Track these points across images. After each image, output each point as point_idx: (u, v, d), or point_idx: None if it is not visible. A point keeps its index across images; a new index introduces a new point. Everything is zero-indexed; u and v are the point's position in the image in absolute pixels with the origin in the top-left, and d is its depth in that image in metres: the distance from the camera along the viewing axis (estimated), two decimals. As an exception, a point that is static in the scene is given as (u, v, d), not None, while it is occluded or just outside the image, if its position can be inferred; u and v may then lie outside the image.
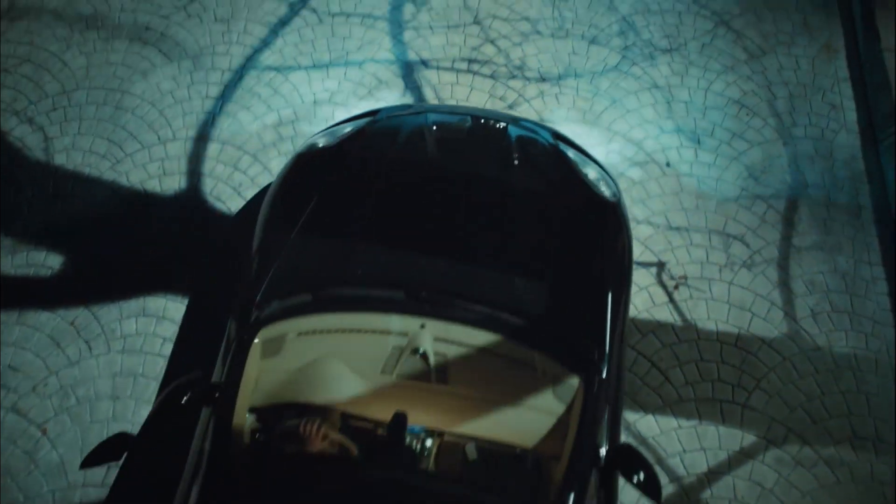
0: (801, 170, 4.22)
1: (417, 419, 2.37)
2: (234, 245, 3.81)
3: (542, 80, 4.45)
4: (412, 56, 4.50)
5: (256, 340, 2.54)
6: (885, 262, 3.92)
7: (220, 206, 3.98)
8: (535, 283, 2.73)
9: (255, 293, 2.73)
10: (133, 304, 3.65)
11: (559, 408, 2.43)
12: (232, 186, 4.03)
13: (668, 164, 4.18)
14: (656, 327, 3.67)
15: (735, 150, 4.27)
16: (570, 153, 3.21)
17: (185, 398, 2.39)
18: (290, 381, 2.47)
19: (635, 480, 2.38)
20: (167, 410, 2.38)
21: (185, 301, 3.67)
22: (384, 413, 2.35)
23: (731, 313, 3.74)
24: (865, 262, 3.92)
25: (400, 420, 2.34)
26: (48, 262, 3.76)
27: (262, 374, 2.50)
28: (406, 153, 3.05)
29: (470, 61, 4.49)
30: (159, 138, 4.19)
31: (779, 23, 4.82)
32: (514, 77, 4.44)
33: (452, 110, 3.41)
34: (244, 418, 2.41)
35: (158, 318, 3.62)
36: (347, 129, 3.27)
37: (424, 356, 2.51)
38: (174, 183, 4.04)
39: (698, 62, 4.60)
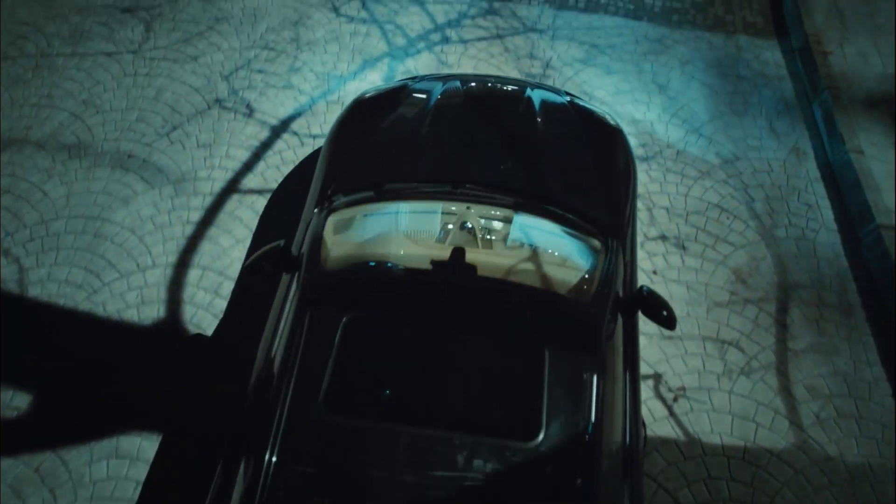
0: (788, 270, 4.22)
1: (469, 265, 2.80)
2: (213, 379, 3.65)
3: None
4: (394, 174, 4.55)
5: (330, 218, 3.00)
6: (885, 363, 3.84)
7: (199, 335, 3.85)
8: (563, 176, 3.37)
9: (328, 187, 3.34)
10: (105, 446, 3.42)
11: (589, 264, 2.89)
12: (213, 314, 3.91)
13: (654, 272, 4.15)
14: (659, 444, 3.50)
15: (720, 254, 4.28)
16: (577, 99, 3.95)
17: (269, 263, 2.89)
18: (358, 250, 2.85)
19: (653, 315, 2.94)
20: (255, 272, 2.89)
21: (161, 440, 3.46)
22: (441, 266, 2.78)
23: (735, 424, 3.59)
24: (864, 363, 3.84)
25: (459, 252, 2.81)
26: (14, 401, 3.55)
27: (334, 246, 2.88)
28: (447, 95, 3.77)
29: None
30: (138, 266, 4.10)
31: (747, 128, 4.98)
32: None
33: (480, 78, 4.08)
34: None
35: (132, 460, 3.38)
36: (392, 85, 4.00)
37: (471, 230, 2.96)
38: (152, 312, 3.91)
39: (675, 168, 4.70)
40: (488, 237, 2.96)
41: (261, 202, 4.42)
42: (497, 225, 3.00)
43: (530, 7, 5.76)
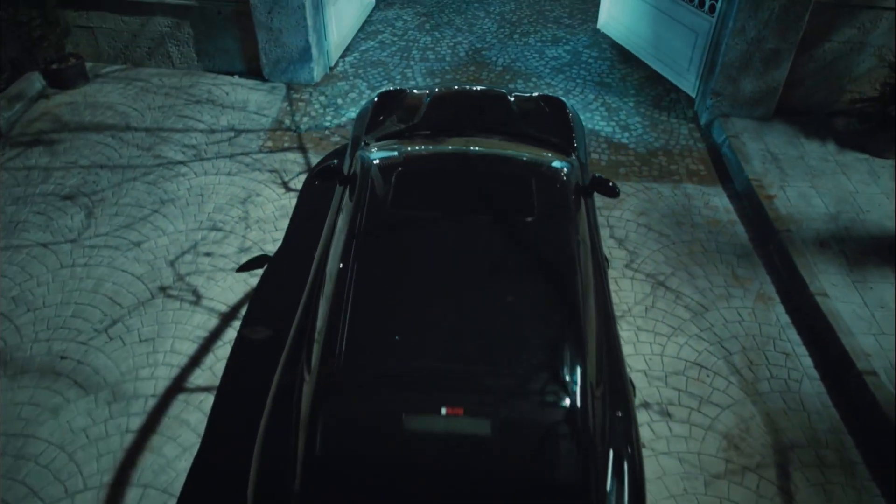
0: (780, 429, 3.98)
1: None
2: None
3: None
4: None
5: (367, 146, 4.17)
6: (903, 529, 3.54)
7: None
8: (533, 126, 4.67)
9: (361, 137, 4.63)
10: None
11: (558, 164, 3.97)
12: (153, 545, 3.39)
13: (643, 446, 3.85)
14: None
15: (707, 417, 4.03)
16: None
17: (325, 174, 3.94)
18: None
19: (602, 189, 4.01)
20: (318, 178, 3.94)
21: None
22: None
23: None
24: (881, 531, 3.53)
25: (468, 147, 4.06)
26: None
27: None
28: (443, 88, 5.30)
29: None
30: (66, 490, 3.58)
31: (710, 277, 4.94)
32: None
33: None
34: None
35: None
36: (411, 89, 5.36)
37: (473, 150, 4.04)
38: (81, 549, 3.36)
39: (646, 326, 4.55)
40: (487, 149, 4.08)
41: (210, 401, 4.02)
42: (493, 144, 4.17)
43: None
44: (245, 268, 4.80)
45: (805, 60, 6.23)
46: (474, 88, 5.60)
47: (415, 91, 5.19)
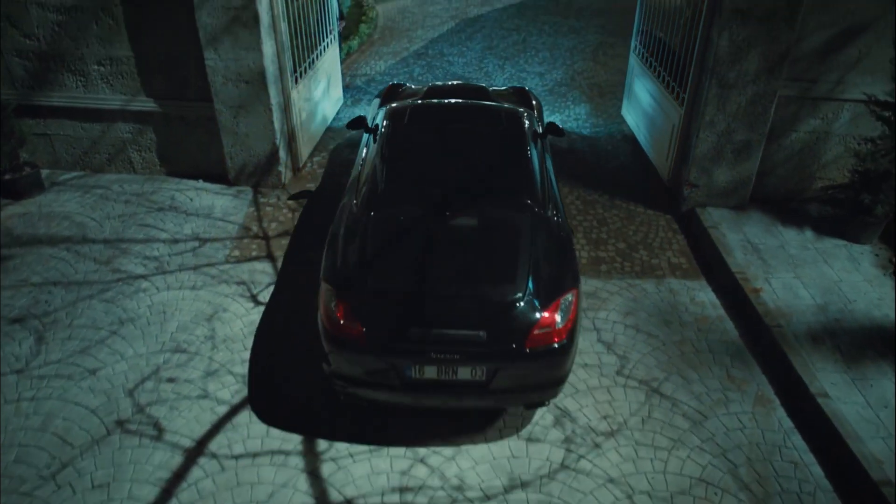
0: (800, 554, 3.67)
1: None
2: None
3: (487, 498, 3.87)
4: (335, 497, 3.86)
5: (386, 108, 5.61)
6: None
7: None
8: (503, 99, 6.20)
9: (378, 108, 6.38)
10: None
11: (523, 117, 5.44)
12: None
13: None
14: None
15: (722, 545, 3.71)
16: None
17: (356, 123, 5.53)
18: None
19: (552, 132, 5.58)
20: (350, 126, 5.54)
21: None
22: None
23: None
24: None
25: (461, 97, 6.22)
26: None
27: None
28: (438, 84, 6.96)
29: (402, 490, 3.89)
30: None
31: (705, 380, 4.72)
32: (456, 501, 3.84)
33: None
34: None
35: None
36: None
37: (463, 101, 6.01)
38: None
39: (644, 440, 4.27)
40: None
41: (171, 559, 3.56)
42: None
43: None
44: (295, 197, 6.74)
45: (774, 150, 6.29)
46: (462, 83, 7.47)
47: (414, 85, 7.23)
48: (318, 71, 7.58)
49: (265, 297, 5.35)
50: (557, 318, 3.92)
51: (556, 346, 3.89)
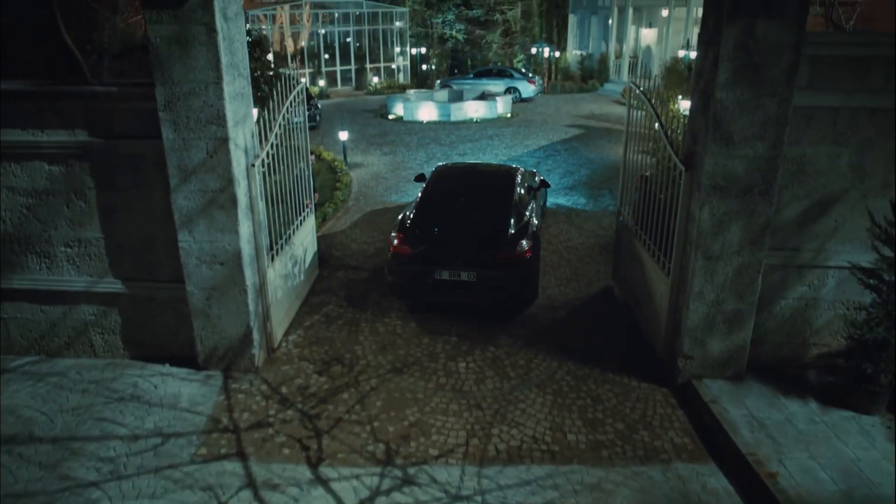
0: None
1: None
2: None
3: None
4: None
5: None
6: None
7: None
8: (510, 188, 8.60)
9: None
10: None
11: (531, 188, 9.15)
12: None
13: None
14: None
15: None
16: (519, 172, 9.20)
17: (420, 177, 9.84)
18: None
19: (542, 185, 9.94)
20: (417, 178, 9.96)
21: None
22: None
23: None
24: None
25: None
26: None
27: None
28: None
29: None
30: None
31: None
32: None
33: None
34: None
35: None
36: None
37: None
38: None
39: None
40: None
41: None
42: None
43: (449, 468, 5.12)
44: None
45: (766, 318, 6.17)
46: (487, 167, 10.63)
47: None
48: (294, 245, 7.45)
49: (236, 503, 4.73)
50: (519, 250, 7.27)
51: (516, 261, 7.29)
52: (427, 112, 21.80)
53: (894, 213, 5.37)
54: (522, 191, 8.39)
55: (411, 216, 7.78)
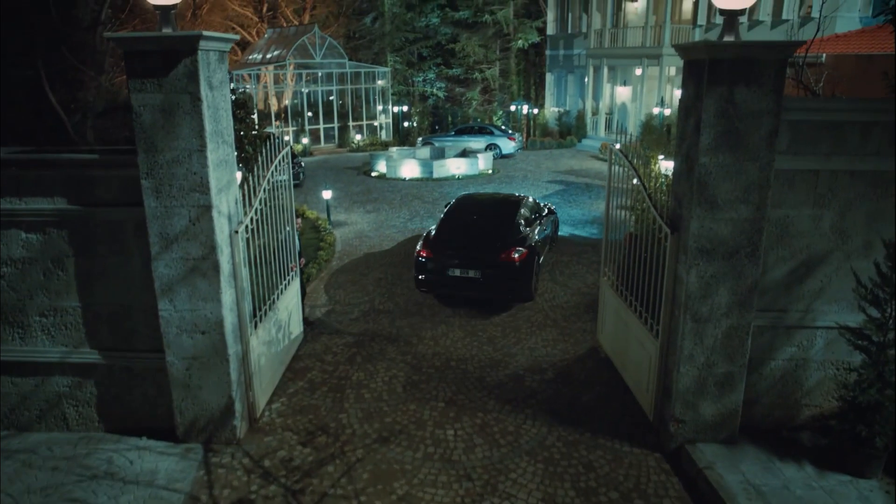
0: None
1: None
2: None
3: None
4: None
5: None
6: None
7: None
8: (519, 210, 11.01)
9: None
10: None
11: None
12: None
13: None
14: None
15: None
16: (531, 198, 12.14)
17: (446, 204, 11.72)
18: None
19: (551, 215, 12.43)
20: (444, 204, 14.22)
21: None
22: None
23: None
24: None
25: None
26: None
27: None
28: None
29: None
30: None
31: None
32: None
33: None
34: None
35: None
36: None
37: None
38: None
39: None
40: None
41: None
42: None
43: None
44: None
45: (756, 379, 6.11)
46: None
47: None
48: (278, 311, 7.31)
49: None
50: (514, 255, 9.38)
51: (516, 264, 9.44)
52: (410, 169, 22.00)
53: (878, 274, 5.41)
54: (525, 212, 10.64)
55: (434, 230, 10.27)
